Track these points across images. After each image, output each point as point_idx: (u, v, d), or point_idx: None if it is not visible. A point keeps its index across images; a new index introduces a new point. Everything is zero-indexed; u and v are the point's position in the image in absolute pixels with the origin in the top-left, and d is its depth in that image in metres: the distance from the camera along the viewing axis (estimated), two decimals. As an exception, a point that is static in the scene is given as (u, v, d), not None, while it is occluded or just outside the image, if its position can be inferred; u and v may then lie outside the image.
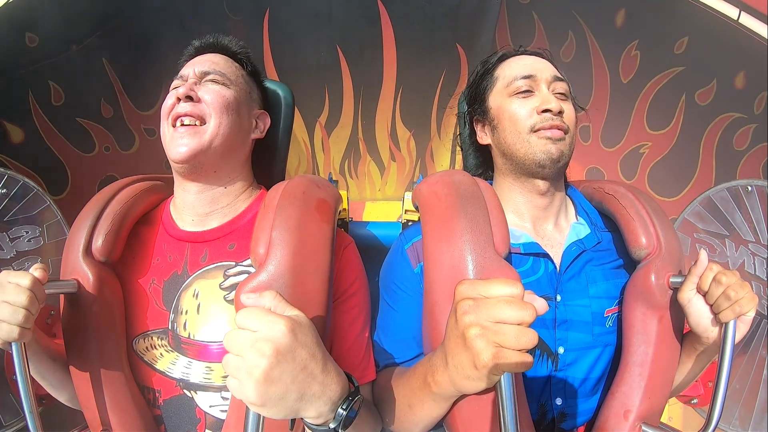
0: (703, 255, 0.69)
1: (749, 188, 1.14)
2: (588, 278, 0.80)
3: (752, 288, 1.07)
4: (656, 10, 1.40)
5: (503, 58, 0.90)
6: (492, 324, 0.48)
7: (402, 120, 1.91)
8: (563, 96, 0.84)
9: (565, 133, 0.80)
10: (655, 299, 0.74)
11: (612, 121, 1.64)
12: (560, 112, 0.80)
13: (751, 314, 0.66)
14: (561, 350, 0.76)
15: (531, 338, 0.47)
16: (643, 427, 0.73)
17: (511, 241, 0.75)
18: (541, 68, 0.85)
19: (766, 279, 1.11)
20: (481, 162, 0.97)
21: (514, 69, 0.86)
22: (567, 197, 0.91)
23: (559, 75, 0.86)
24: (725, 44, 1.31)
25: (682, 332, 0.78)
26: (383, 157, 2.01)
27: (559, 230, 0.85)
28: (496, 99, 0.87)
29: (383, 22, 1.68)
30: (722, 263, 1.13)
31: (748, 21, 1.27)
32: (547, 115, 0.79)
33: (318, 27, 1.64)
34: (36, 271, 0.67)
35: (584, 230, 0.85)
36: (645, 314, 0.75)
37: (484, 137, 0.90)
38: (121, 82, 1.51)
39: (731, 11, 1.28)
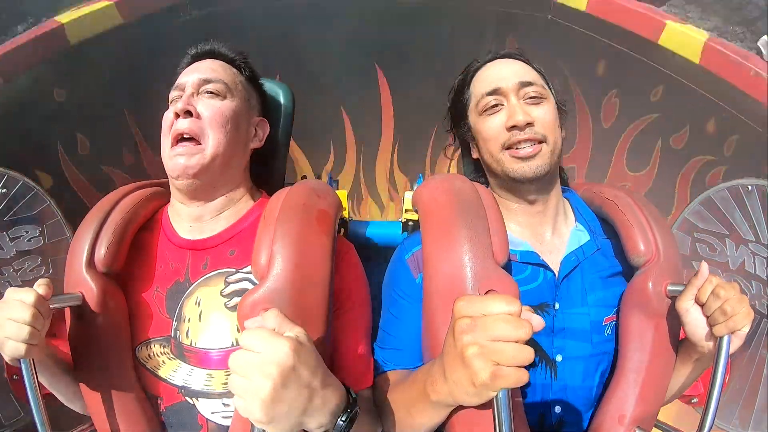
0: (704, 266, 0.68)
1: (749, 188, 1.14)
2: (587, 286, 0.79)
3: (752, 288, 1.07)
4: (634, 61, 1.52)
5: (475, 71, 0.88)
6: (489, 342, 0.48)
7: (399, 167, 2.14)
8: (535, 100, 0.80)
9: (541, 142, 0.78)
10: (652, 307, 0.74)
11: (595, 163, 1.76)
12: (529, 124, 0.77)
13: (746, 330, 0.65)
14: (559, 358, 0.76)
15: (528, 355, 0.48)
16: (638, 431, 0.73)
17: (511, 248, 0.75)
18: (506, 76, 0.81)
19: (766, 279, 1.11)
20: (477, 169, 0.96)
21: (482, 84, 0.84)
22: (566, 200, 0.90)
23: (527, 79, 0.81)
24: (697, 92, 1.42)
25: (678, 340, 0.78)
26: (383, 198, 2.22)
27: (558, 236, 0.84)
28: (472, 117, 0.86)
29: (381, 85, 1.91)
30: (722, 263, 1.14)
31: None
32: (515, 131, 0.77)
33: (323, 90, 1.84)
34: (40, 287, 0.67)
35: (584, 237, 0.84)
36: (641, 321, 0.75)
37: (474, 152, 0.90)
38: (141, 131, 1.65)
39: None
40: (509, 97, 0.80)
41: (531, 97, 0.80)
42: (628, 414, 0.73)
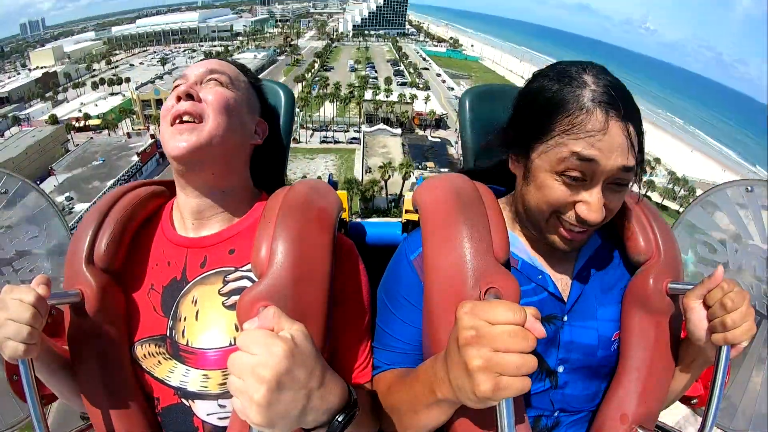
0: (720, 270, 0.67)
1: (749, 188, 1.14)
2: (599, 299, 0.79)
3: (752, 289, 1.07)
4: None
5: (572, 96, 0.66)
6: (494, 354, 0.48)
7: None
8: (619, 188, 0.69)
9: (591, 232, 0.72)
10: (653, 305, 0.74)
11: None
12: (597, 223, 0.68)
13: (744, 344, 0.65)
14: (560, 369, 0.76)
15: (532, 364, 0.48)
16: (639, 431, 0.73)
17: (520, 255, 0.74)
18: (611, 154, 0.64)
19: (766, 279, 1.11)
20: (498, 169, 0.87)
21: (576, 137, 0.65)
22: None
23: (630, 164, 0.66)
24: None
25: (679, 338, 0.78)
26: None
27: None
28: (540, 158, 0.70)
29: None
30: (722, 263, 1.14)
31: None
32: (581, 220, 0.68)
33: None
34: (39, 286, 0.67)
35: (594, 240, 0.82)
36: (642, 319, 0.75)
37: (513, 166, 0.78)
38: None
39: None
40: (598, 178, 0.67)
41: (617, 184, 0.69)
42: (630, 413, 0.73)
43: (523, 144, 0.73)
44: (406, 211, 1.21)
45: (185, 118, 0.76)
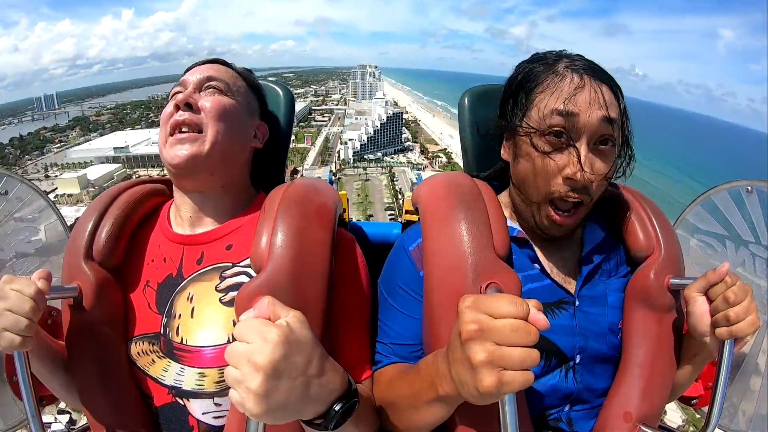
0: (724, 267, 0.67)
1: (749, 188, 1.14)
2: (607, 287, 0.79)
3: (753, 289, 1.07)
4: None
5: (548, 69, 0.73)
6: (497, 348, 0.48)
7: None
8: (604, 147, 0.70)
9: (585, 203, 0.71)
10: (655, 301, 0.74)
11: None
12: (588, 184, 0.68)
13: (748, 338, 0.65)
14: (577, 359, 0.76)
15: (535, 358, 0.48)
16: (643, 428, 0.73)
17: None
18: (590, 107, 0.67)
19: (766, 279, 1.11)
20: (490, 158, 0.89)
21: (554, 97, 0.69)
22: None
23: (612, 115, 0.68)
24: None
25: (681, 334, 0.78)
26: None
27: (569, 236, 0.82)
28: (524, 129, 0.73)
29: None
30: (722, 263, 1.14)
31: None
32: (570, 182, 0.69)
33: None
34: (39, 281, 0.67)
35: (598, 232, 0.83)
36: (644, 316, 0.75)
37: (505, 153, 0.81)
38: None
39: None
40: (582, 134, 0.68)
41: (602, 141, 0.70)
42: (633, 410, 0.73)
43: (511, 124, 0.76)
44: (406, 212, 1.21)
45: (184, 128, 0.77)
